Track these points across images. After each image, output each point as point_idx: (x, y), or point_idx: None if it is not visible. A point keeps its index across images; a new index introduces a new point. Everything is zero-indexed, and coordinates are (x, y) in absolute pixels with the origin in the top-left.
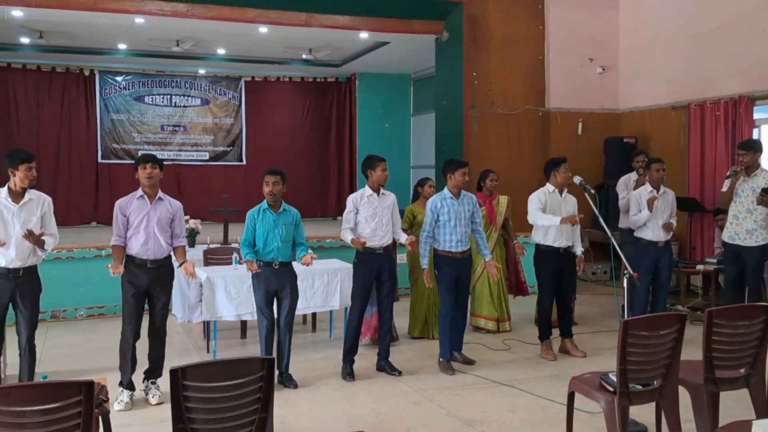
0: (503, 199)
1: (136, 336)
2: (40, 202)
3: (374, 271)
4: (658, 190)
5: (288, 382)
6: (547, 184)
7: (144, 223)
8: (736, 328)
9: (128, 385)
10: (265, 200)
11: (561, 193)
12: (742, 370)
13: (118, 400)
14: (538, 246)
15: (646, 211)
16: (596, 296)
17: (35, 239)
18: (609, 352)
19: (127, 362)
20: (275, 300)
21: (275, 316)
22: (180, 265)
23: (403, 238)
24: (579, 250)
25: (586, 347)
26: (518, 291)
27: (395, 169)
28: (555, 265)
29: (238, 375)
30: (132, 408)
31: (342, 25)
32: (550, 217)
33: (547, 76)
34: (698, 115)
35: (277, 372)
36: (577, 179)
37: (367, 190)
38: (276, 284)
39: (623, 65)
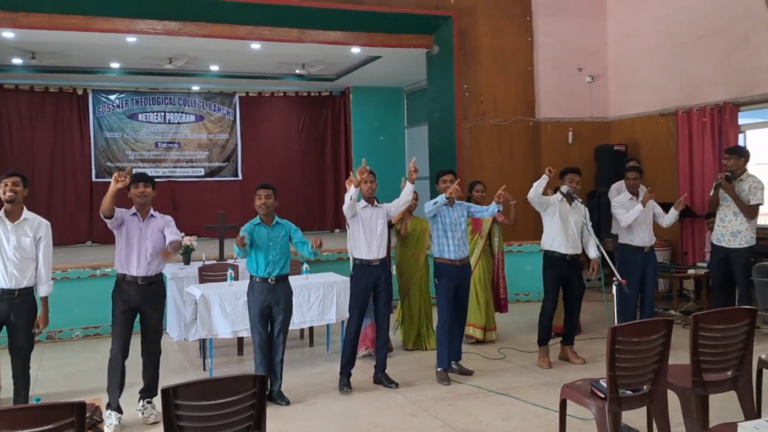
0: None
1: (125, 354)
2: (35, 224)
3: (371, 283)
4: (636, 196)
5: (280, 398)
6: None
7: (137, 240)
8: (721, 332)
9: (116, 407)
10: (257, 216)
11: (570, 203)
12: (729, 373)
13: (106, 425)
14: (545, 252)
15: (639, 206)
16: (589, 303)
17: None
18: (604, 359)
19: (115, 383)
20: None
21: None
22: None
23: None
24: (593, 253)
25: (583, 354)
26: (497, 307)
27: (390, 180)
28: (560, 271)
29: (230, 393)
30: None
31: (333, 40)
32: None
33: (537, 86)
34: (686, 121)
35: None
36: (564, 188)
37: (361, 202)
38: (271, 299)
39: (612, 74)
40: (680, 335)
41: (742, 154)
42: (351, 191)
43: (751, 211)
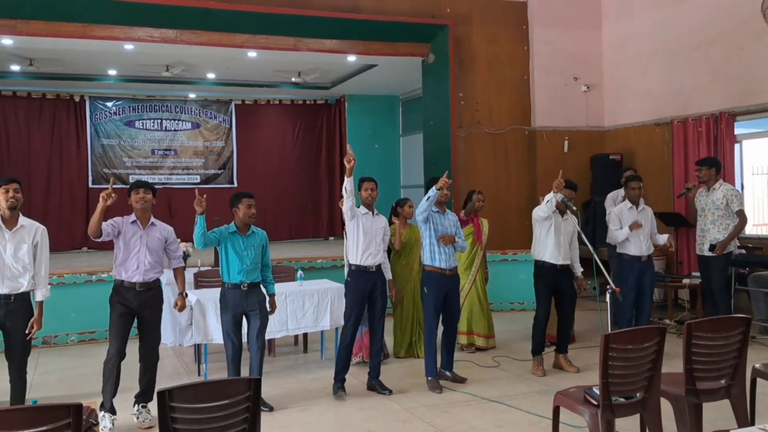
0: (485, 221)
1: (121, 355)
2: (32, 230)
3: (366, 290)
4: (636, 206)
5: (262, 405)
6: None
7: (136, 248)
8: (715, 340)
9: (110, 408)
10: (232, 222)
11: (562, 214)
12: (723, 381)
13: (100, 427)
14: (536, 262)
15: (626, 229)
16: (584, 312)
17: None
18: (598, 367)
19: (110, 384)
20: (246, 321)
21: (245, 338)
22: (179, 294)
23: (387, 274)
24: (579, 270)
25: (577, 363)
26: None
27: (385, 189)
28: (552, 280)
29: (224, 396)
30: None
31: (329, 48)
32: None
33: (533, 95)
34: (681, 131)
35: None
36: (559, 196)
37: (362, 209)
38: (244, 305)
39: (607, 83)
40: (675, 345)
41: (713, 165)
42: (345, 183)
43: (741, 219)
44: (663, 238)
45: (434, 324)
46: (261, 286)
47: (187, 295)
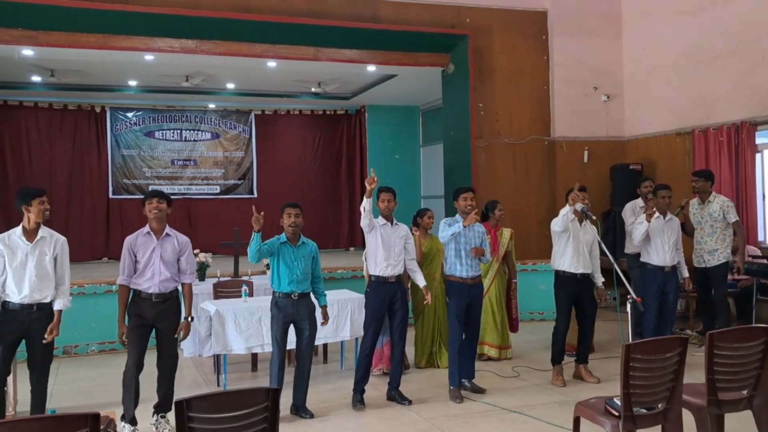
0: (506, 231)
1: (139, 368)
2: (52, 241)
3: (387, 300)
4: (664, 216)
5: (304, 412)
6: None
7: (151, 260)
8: (737, 350)
9: (131, 420)
10: (283, 233)
11: (581, 222)
12: (745, 392)
13: None
14: (556, 272)
15: (643, 218)
16: (605, 322)
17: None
18: (619, 377)
19: (130, 396)
20: (295, 330)
21: (294, 346)
22: (184, 319)
23: (421, 281)
24: (600, 280)
25: (598, 373)
26: (509, 327)
27: (406, 199)
28: (572, 290)
29: (243, 405)
30: None
31: (349, 58)
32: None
33: (553, 105)
34: (702, 140)
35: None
36: (578, 206)
37: (380, 219)
38: (295, 314)
39: (627, 93)
40: (696, 355)
41: (709, 177)
42: (363, 203)
43: (738, 230)
44: (684, 271)
45: (458, 333)
46: (311, 296)
47: (193, 319)
